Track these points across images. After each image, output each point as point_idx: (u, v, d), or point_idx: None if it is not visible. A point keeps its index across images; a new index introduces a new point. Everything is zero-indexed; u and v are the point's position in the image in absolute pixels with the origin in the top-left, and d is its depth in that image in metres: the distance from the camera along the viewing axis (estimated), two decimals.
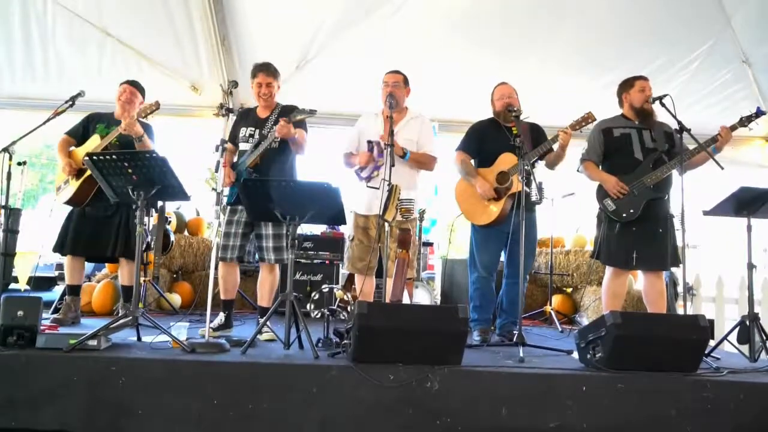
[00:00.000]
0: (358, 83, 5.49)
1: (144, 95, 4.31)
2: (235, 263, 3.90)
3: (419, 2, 5.45)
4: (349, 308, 4.05)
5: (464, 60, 5.74)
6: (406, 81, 4.08)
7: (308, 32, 5.67)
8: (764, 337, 3.51)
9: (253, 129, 3.86)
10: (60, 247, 4.18)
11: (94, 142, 4.09)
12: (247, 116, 4.01)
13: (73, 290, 4.27)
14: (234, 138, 3.97)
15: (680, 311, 4.90)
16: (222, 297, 3.83)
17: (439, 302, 5.48)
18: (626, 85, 4.01)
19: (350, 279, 4.75)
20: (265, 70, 3.88)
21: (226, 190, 3.79)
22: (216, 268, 3.38)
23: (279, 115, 3.83)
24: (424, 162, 4.06)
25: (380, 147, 3.91)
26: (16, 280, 5.22)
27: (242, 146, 3.90)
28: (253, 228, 3.87)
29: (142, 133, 3.98)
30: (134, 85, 4.26)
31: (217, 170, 3.42)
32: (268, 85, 3.87)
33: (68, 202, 4.15)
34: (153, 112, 4.00)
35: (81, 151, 4.11)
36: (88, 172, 3.93)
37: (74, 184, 4.08)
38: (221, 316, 3.86)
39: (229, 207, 3.87)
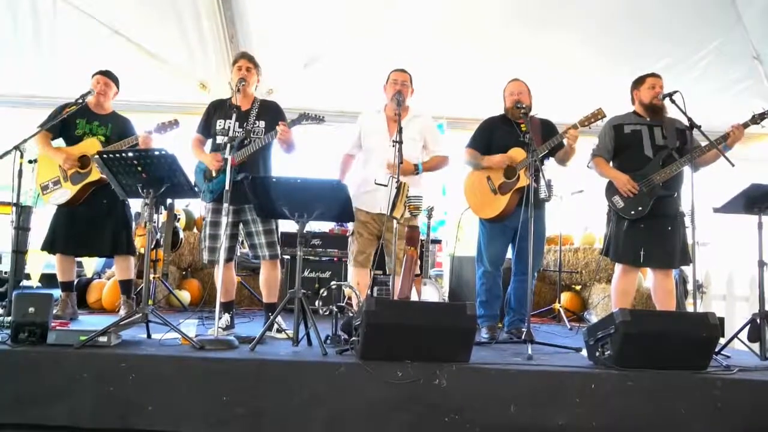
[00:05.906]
0: (365, 81, 5.47)
1: (118, 85, 4.35)
2: (229, 264, 3.80)
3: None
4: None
5: (472, 57, 5.72)
6: (411, 80, 4.14)
7: (316, 31, 5.67)
8: None
9: (232, 122, 3.56)
10: (50, 246, 4.16)
11: (91, 145, 4.09)
12: (222, 108, 3.87)
13: (67, 287, 4.28)
14: (208, 129, 3.88)
15: (690, 309, 4.88)
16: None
17: (447, 299, 5.48)
18: (637, 83, 4.01)
19: None
20: (248, 57, 3.94)
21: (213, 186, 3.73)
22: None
23: (261, 110, 3.83)
24: (437, 165, 4.14)
25: None
26: (27, 276, 5.25)
27: (219, 139, 3.77)
28: (239, 227, 3.81)
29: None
30: (107, 75, 4.29)
31: (225, 167, 3.41)
32: (248, 69, 3.87)
33: (64, 204, 4.12)
34: (171, 129, 4.18)
35: (75, 151, 4.11)
36: (87, 180, 4.03)
37: (70, 188, 4.08)
38: (226, 317, 3.78)
39: (211, 206, 3.79)
